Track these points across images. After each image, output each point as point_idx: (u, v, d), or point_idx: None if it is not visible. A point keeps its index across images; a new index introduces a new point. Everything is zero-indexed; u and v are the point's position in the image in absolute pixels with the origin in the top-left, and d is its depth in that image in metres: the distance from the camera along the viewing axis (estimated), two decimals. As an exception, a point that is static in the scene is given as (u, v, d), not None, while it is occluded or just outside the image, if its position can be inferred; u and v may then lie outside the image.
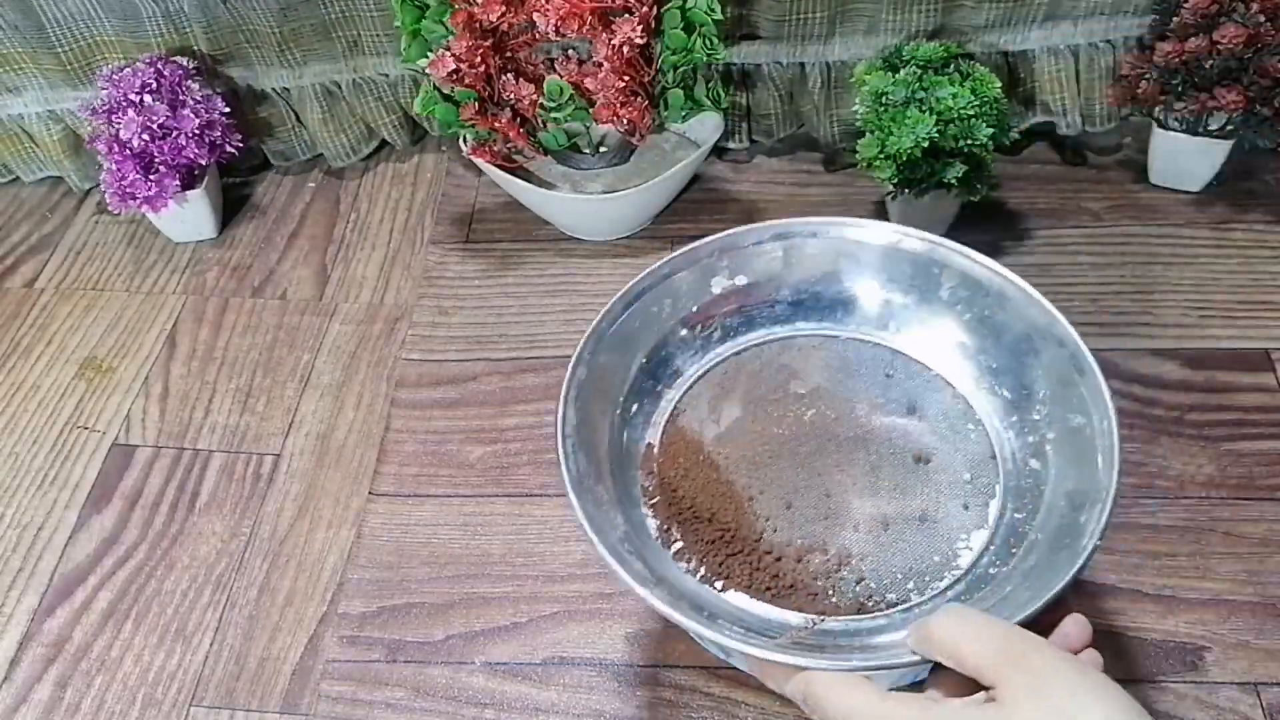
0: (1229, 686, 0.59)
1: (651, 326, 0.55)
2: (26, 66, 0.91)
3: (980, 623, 0.36)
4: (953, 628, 0.36)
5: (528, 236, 0.89)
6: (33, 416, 0.80)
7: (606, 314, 0.53)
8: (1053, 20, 0.84)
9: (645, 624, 0.64)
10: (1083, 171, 0.89)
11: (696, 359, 0.56)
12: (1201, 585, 0.63)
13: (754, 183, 0.92)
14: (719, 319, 0.56)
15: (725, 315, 0.56)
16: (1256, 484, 0.67)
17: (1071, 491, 0.46)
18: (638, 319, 0.54)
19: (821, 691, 0.38)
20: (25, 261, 0.93)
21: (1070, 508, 0.45)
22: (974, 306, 0.52)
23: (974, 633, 0.36)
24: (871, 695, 0.37)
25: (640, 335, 0.54)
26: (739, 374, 0.56)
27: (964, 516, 0.49)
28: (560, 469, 0.46)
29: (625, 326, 0.54)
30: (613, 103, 0.77)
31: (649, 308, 0.55)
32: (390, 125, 0.95)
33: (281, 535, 0.71)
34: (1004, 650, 0.35)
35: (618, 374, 0.54)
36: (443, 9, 0.76)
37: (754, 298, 0.56)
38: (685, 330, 0.56)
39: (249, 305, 0.87)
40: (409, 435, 0.76)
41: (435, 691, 0.62)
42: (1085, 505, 0.44)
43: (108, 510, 0.73)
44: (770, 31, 0.86)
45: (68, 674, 0.65)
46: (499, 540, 0.69)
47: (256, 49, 0.90)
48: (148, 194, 0.85)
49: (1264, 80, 0.74)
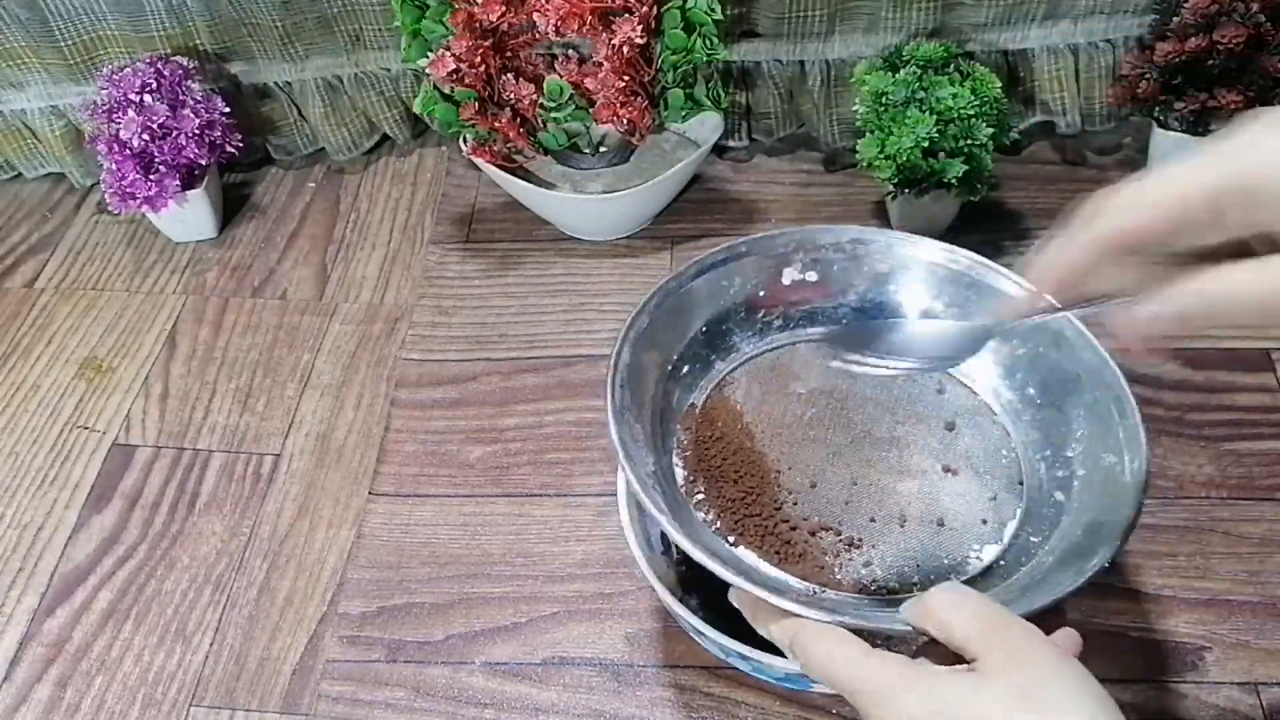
0: (1229, 686, 0.59)
1: (717, 298, 0.57)
2: (30, 61, 0.91)
3: (976, 601, 0.38)
4: (948, 601, 0.38)
5: (528, 236, 0.89)
6: (33, 416, 0.80)
7: (677, 275, 0.55)
8: (1052, 19, 0.84)
9: (645, 624, 0.64)
10: (1083, 171, 0.89)
11: (754, 340, 0.58)
12: (1201, 585, 0.63)
13: (754, 182, 0.92)
14: (783, 308, 0.58)
15: (790, 306, 0.58)
16: (1256, 484, 0.67)
17: (1090, 523, 0.47)
18: (706, 288, 0.56)
19: (809, 639, 0.40)
20: (25, 261, 0.93)
21: (1085, 535, 0.46)
22: (1029, 341, 0.54)
23: (969, 609, 0.37)
24: (855, 649, 0.38)
25: (705, 303, 0.56)
26: (792, 363, 0.58)
27: (980, 530, 0.50)
28: (606, 398, 0.48)
29: (693, 291, 0.55)
30: (613, 103, 0.77)
31: (719, 280, 0.56)
32: (392, 120, 0.95)
33: (281, 535, 0.71)
34: (992, 627, 0.36)
35: (676, 332, 0.55)
36: (443, 9, 0.75)
37: (821, 295, 0.58)
38: (748, 311, 0.58)
39: (249, 305, 0.87)
40: (409, 435, 0.76)
41: (435, 691, 0.62)
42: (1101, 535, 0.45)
43: (108, 510, 0.73)
44: (770, 29, 0.86)
45: (68, 674, 0.65)
46: (499, 540, 0.69)
47: (259, 42, 0.90)
48: (148, 194, 0.85)
49: (1264, 80, 0.74)
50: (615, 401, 0.49)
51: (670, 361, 0.55)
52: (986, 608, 0.37)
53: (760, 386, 0.56)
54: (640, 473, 0.47)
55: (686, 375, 0.56)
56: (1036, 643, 0.36)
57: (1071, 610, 0.62)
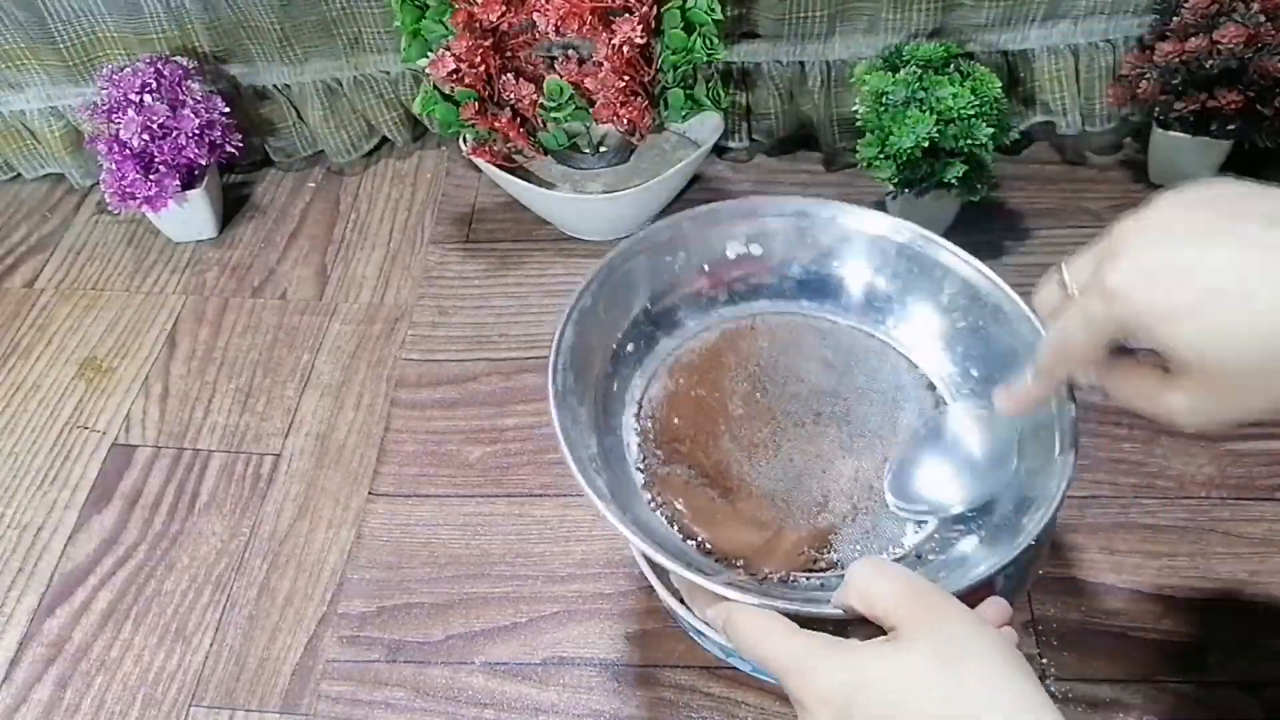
0: (1229, 686, 0.59)
1: (662, 274, 0.56)
2: (28, 62, 0.91)
3: (894, 572, 0.39)
4: (869, 573, 0.39)
5: (528, 236, 0.89)
6: (33, 416, 0.80)
7: (620, 253, 0.54)
8: (1052, 20, 0.84)
9: (645, 624, 0.64)
10: (1083, 171, 0.89)
11: (699, 316, 0.57)
12: (1201, 585, 0.63)
13: (754, 182, 0.92)
14: (727, 283, 0.58)
15: (734, 280, 0.58)
16: (1256, 484, 0.67)
17: (1019, 499, 0.47)
18: (649, 264, 0.56)
19: (741, 621, 0.41)
20: (25, 261, 0.93)
21: (1014, 511, 0.47)
22: (970, 315, 0.54)
23: (888, 579, 0.38)
24: (782, 628, 0.40)
25: (649, 280, 0.56)
26: (737, 338, 0.57)
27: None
28: (547, 382, 0.48)
29: (636, 268, 0.55)
30: (613, 102, 0.77)
31: (663, 256, 0.56)
32: (391, 122, 0.95)
33: (281, 535, 0.71)
34: (910, 595, 0.37)
35: (621, 310, 0.55)
36: (443, 9, 0.75)
37: (765, 269, 0.58)
38: (693, 286, 0.57)
39: (249, 305, 0.87)
40: (409, 435, 0.76)
41: (435, 691, 0.62)
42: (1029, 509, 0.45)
43: (108, 510, 0.73)
44: (770, 30, 0.86)
45: (68, 674, 0.65)
46: (499, 540, 0.69)
47: (258, 45, 0.90)
48: (148, 194, 0.85)
49: (1264, 80, 0.74)
50: (556, 384, 0.48)
51: (615, 341, 0.54)
52: (904, 576, 0.38)
53: (705, 363, 0.56)
54: (581, 455, 0.47)
55: (632, 354, 0.55)
56: (952, 608, 0.37)
57: (1071, 610, 0.63)
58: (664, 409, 0.54)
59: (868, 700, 0.36)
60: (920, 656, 0.35)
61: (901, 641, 0.36)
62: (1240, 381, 0.34)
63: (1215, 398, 0.35)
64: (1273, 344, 0.33)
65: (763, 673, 0.54)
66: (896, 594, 0.37)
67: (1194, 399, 0.36)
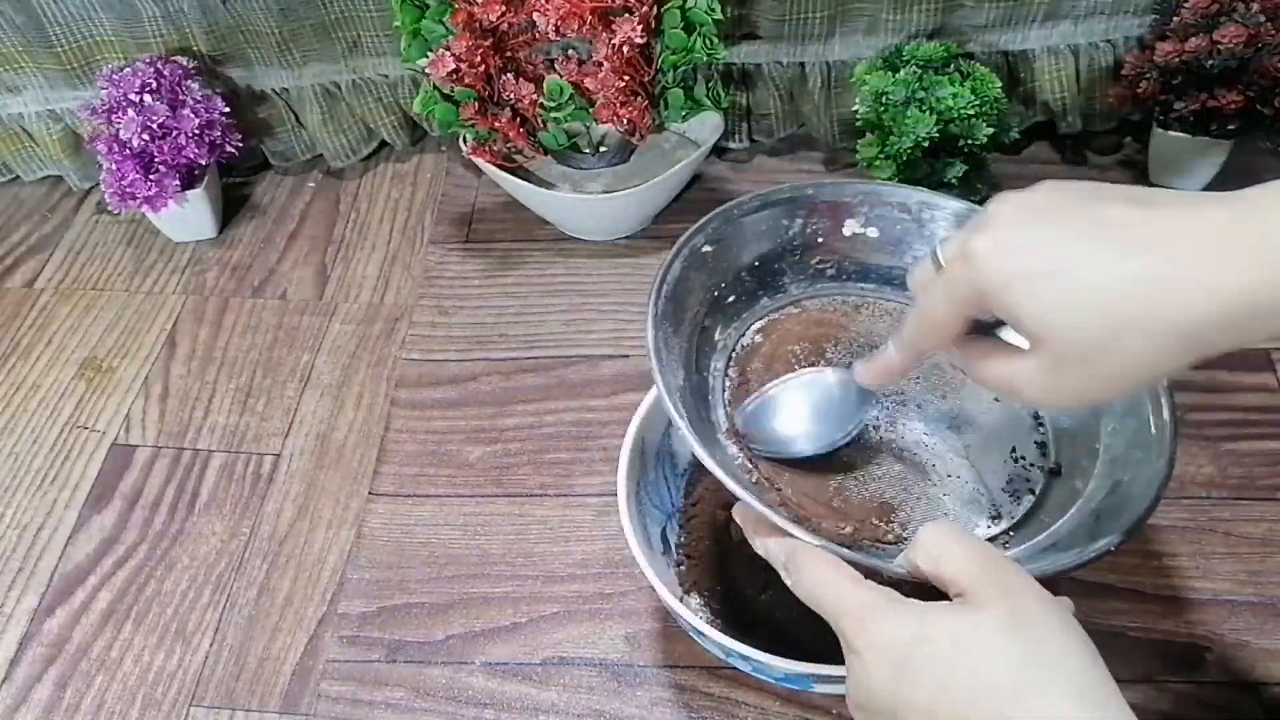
0: (1229, 686, 0.59)
1: (775, 236, 0.56)
2: (26, 65, 0.91)
3: (967, 539, 0.38)
4: (940, 536, 0.38)
5: (528, 236, 0.89)
6: (33, 416, 0.80)
7: (740, 203, 0.54)
8: (1053, 20, 0.84)
9: (645, 624, 0.64)
10: (1083, 171, 0.89)
11: (803, 284, 0.58)
12: (1201, 585, 0.63)
13: (754, 182, 0.92)
14: (838, 258, 0.57)
15: (845, 257, 0.58)
16: (1256, 484, 0.67)
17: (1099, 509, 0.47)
18: (765, 223, 0.55)
19: (805, 561, 0.40)
20: (25, 261, 0.93)
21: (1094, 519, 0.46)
22: None
23: (960, 544, 0.38)
24: (847, 575, 0.39)
25: (762, 238, 0.56)
26: (836, 313, 0.57)
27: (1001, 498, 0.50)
28: (649, 303, 0.49)
29: (753, 223, 0.55)
30: (613, 102, 0.77)
31: (779, 219, 0.56)
32: (390, 126, 0.95)
33: (281, 535, 0.71)
34: (983, 563, 0.37)
35: (729, 261, 0.55)
36: (443, 9, 0.75)
37: (878, 252, 0.57)
38: (803, 254, 0.57)
39: (249, 305, 0.87)
40: (409, 435, 0.76)
41: (435, 691, 0.62)
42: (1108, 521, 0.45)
43: (108, 510, 0.73)
44: (770, 31, 0.86)
45: (68, 674, 0.65)
46: (499, 540, 0.69)
47: (256, 49, 0.90)
48: (148, 194, 0.85)
49: (1264, 80, 0.74)
50: (656, 309, 0.48)
51: (717, 288, 0.54)
52: (977, 543, 0.38)
53: (799, 326, 0.56)
54: (670, 383, 0.47)
55: (731, 305, 0.55)
56: (1024, 581, 0.36)
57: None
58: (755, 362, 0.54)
59: (927, 656, 0.35)
60: (991, 620, 0.35)
61: (973, 605, 0.36)
62: (1083, 355, 0.34)
63: (1060, 373, 0.35)
64: (1116, 319, 0.33)
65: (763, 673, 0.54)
66: (969, 558, 0.37)
67: (1040, 373, 0.36)
